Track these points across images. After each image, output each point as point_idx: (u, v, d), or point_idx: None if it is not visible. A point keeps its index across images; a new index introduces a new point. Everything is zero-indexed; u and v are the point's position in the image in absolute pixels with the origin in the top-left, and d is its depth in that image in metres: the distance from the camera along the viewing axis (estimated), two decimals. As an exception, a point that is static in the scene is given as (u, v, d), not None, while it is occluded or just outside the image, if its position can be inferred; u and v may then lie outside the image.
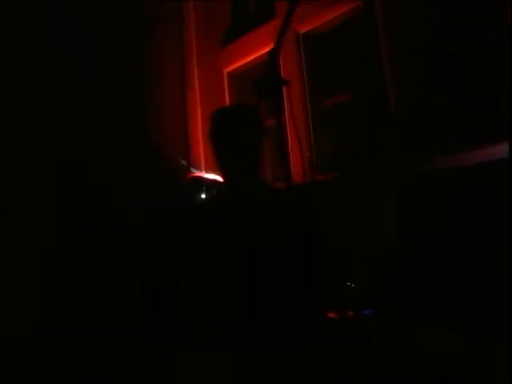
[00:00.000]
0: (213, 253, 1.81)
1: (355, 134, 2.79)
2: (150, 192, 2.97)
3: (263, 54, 3.35)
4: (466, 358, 1.74)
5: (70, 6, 2.99)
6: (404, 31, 2.54)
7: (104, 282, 2.75)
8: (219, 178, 2.28)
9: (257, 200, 1.82)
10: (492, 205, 2.00)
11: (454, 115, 2.28)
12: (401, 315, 2.08)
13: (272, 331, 1.65)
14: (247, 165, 1.81)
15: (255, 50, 3.37)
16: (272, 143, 2.58)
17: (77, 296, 2.66)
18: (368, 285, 2.26)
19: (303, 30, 3.07)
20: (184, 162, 3.35)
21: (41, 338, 2.46)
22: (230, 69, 3.64)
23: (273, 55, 1.77)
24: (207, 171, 3.00)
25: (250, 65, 3.51)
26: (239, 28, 3.52)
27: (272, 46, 1.80)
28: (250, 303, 1.69)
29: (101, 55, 3.05)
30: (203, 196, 2.71)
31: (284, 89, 1.78)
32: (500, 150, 1.97)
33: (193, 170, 3.28)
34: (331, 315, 2.06)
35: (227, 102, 3.62)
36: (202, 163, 3.40)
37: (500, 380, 1.60)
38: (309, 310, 1.75)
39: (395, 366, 1.86)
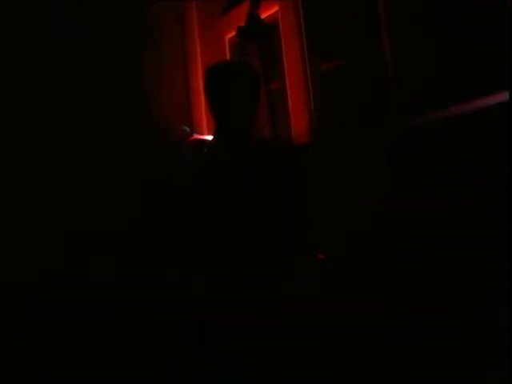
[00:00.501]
0: (208, 211, 1.84)
1: (354, 97, 2.81)
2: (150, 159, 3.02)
3: (266, 18, 3.37)
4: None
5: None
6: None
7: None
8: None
9: (249, 157, 1.85)
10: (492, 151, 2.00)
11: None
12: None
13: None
14: (239, 120, 1.83)
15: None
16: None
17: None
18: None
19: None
20: (186, 128, 3.39)
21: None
22: (231, 35, 3.65)
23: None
24: (210, 134, 3.05)
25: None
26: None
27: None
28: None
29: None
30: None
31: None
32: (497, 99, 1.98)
33: (195, 134, 3.32)
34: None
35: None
36: (205, 128, 3.44)
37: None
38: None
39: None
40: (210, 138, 2.89)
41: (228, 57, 3.70)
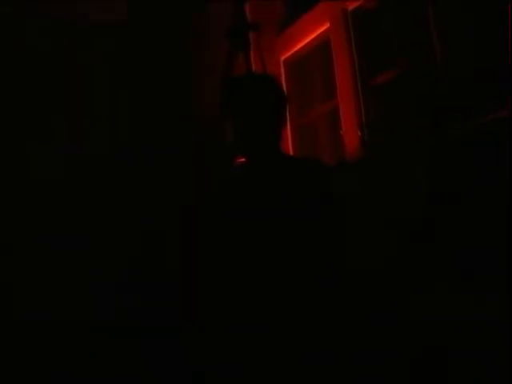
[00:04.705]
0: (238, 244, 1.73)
1: (407, 109, 2.68)
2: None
3: (318, 36, 3.32)
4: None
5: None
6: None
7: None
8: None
9: (277, 176, 1.74)
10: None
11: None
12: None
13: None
14: (265, 138, 1.72)
15: (309, 33, 3.34)
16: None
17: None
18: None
19: (351, 6, 2.99)
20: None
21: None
22: (285, 56, 3.63)
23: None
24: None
25: (305, 50, 3.50)
26: (293, 14, 3.50)
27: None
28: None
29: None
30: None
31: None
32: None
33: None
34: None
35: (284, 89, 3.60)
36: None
37: None
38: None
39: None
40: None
41: (283, 78, 3.68)
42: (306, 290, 1.63)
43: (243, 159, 1.81)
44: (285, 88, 3.70)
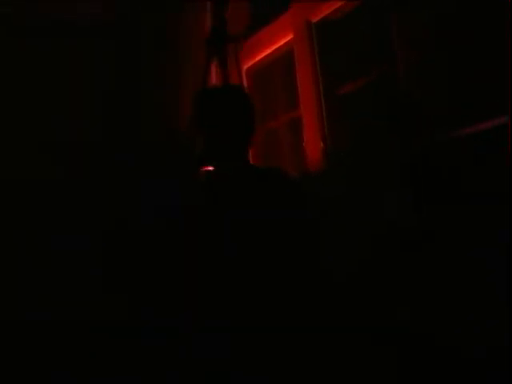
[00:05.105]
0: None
1: (370, 121, 2.71)
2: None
3: (281, 46, 3.34)
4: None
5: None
6: (416, 14, 2.46)
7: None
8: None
9: (243, 186, 1.74)
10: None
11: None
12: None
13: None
14: (232, 148, 1.72)
15: (272, 43, 3.35)
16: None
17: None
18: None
19: (316, 18, 3.02)
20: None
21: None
22: (248, 65, 3.63)
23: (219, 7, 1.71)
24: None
25: (268, 60, 3.50)
26: (257, 24, 3.50)
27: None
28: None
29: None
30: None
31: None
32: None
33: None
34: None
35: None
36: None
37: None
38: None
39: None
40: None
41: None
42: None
43: (210, 168, 1.81)
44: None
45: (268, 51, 3.45)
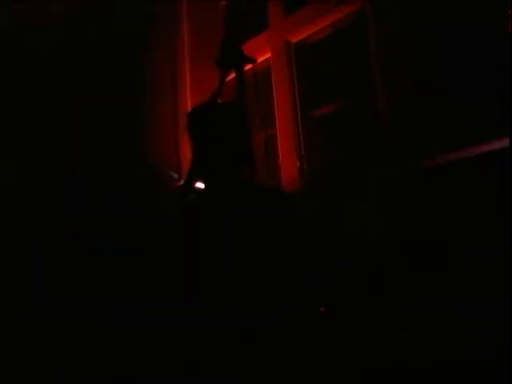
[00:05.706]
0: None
1: (345, 142, 2.76)
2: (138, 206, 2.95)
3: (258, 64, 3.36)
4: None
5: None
6: (394, 39, 2.53)
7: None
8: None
9: (234, 202, 1.74)
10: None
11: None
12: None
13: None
14: (225, 165, 1.72)
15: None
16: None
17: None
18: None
19: (295, 39, 3.06)
20: (174, 174, 3.32)
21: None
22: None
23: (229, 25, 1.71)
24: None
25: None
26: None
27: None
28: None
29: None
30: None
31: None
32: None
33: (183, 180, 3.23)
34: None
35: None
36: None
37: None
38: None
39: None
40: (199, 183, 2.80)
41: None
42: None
43: (202, 185, 1.81)
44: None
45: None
